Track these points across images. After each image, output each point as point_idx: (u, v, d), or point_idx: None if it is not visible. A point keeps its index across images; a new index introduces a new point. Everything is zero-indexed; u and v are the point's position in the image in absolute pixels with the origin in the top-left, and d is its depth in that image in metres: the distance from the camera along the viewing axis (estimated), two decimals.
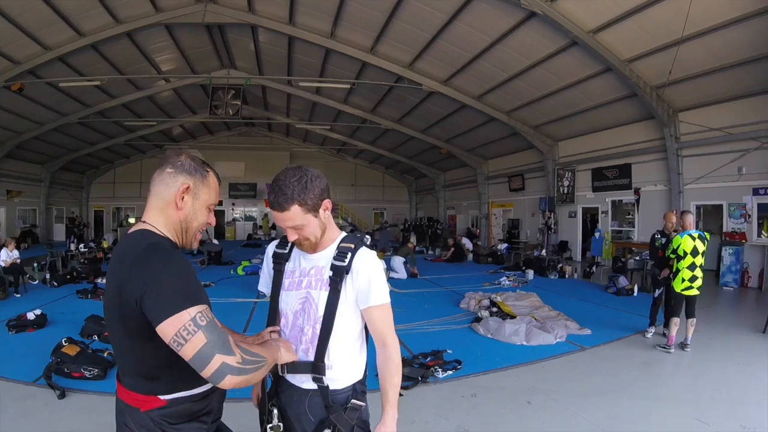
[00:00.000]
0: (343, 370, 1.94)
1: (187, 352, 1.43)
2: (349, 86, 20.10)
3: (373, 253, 1.97)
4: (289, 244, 2.08)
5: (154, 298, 1.45)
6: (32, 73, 16.99)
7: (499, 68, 15.62)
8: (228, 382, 1.47)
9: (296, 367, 1.93)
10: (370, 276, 1.88)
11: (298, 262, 2.04)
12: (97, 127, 25.14)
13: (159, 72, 20.51)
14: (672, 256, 7.05)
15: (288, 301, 2.01)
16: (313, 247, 1.95)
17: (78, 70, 17.90)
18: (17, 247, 11.86)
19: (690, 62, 11.93)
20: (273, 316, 2.08)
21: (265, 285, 2.17)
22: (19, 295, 10.86)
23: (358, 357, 2.01)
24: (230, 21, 16.82)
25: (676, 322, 6.80)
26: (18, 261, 11.31)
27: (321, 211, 1.89)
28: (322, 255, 1.97)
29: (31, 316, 7.77)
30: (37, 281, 12.80)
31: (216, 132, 34.53)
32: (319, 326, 1.90)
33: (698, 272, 6.80)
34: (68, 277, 12.73)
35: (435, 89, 17.90)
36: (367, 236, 2.27)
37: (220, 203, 34.21)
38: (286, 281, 2.04)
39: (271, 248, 2.16)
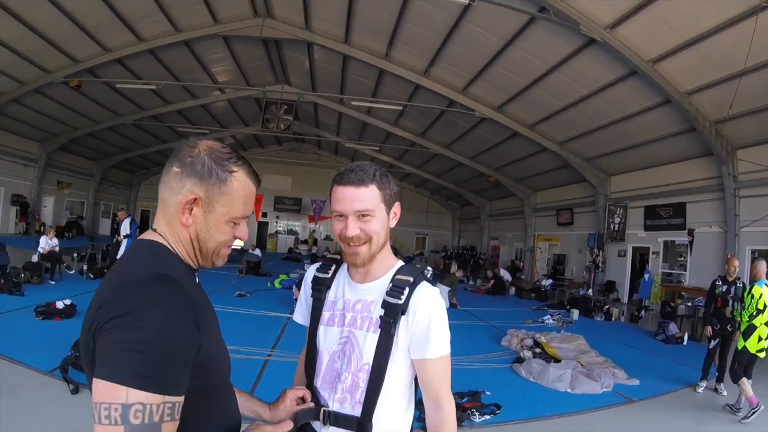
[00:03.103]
0: (387, 429, 1.60)
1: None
2: (400, 108, 20.01)
3: (436, 290, 1.62)
4: (332, 269, 1.75)
5: (108, 342, 1.03)
6: (91, 72, 17.78)
7: (554, 96, 15.28)
8: None
9: (338, 420, 1.60)
10: (431, 320, 1.53)
11: (342, 292, 1.69)
12: (150, 130, 26.12)
13: (215, 82, 21.17)
14: (746, 317, 6.31)
15: (326, 339, 1.67)
16: (366, 261, 1.61)
17: (135, 73, 18.66)
18: (58, 236, 12.16)
19: (750, 95, 11.27)
20: (312, 355, 1.71)
21: (301, 315, 1.82)
22: (54, 283, 11.13)
23: (405, 414, 1.67)
24: (287, 37, 17.17)
25: (746, 381, 6.09)
26: (56, 249, 11.64)
27: (392, 212, 1.64)
28: (372, 287, 1.64)
29: (60, 305, 7.83)
30: (73, 271, 13.15)
31: (267, 145, 35.33)
32: (362, 375, 1.57)
33: None
34: (105, 270, 12.67)
35: (487, 115, 17.65)
36: (429, 268, 1.82)
37: (264, 214, 34.79)
38: (325, 314, 1.70)
39: (310, 272, 1.81)
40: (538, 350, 8.26)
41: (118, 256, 11.75)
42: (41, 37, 14.83)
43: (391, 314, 1.54)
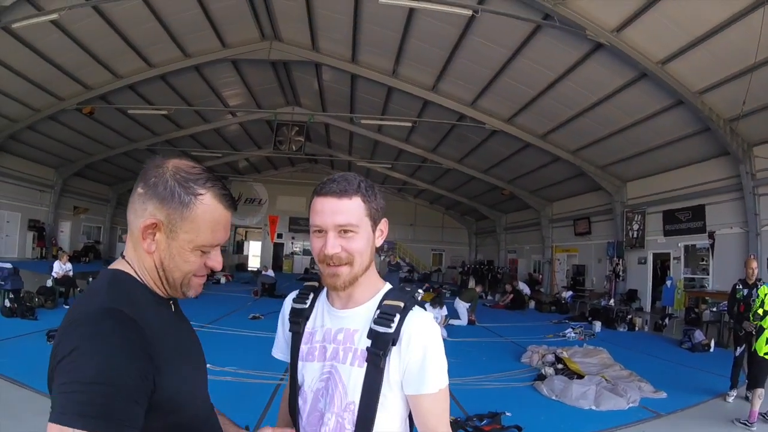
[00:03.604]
0: None
1: None
2: (410, 124, 20.02)
3: (430, 315, 1.45)
4: (310, 298, 1.56)
5: (57, 384, 0.98)
6: (103, 99, 18.07)
7: (564, 105, 15.17)
8: None
9: None
10: (427, 350, 1.35)
11: (321, 321, 1.51)
12: (165, 156, 26.19)
13: (226, 106, 21.47)
14: (759, 315, 6.06)
15: (307, 375, 1.49)
16: (347, 284, 1.41)
17: (147, 99, 18.96)
18: (75, 261, 12.24)
19: (763, 90, 11.03)
20: (295, 393, 1.54)
21: (280, 350, 1.67)
22: (68, 307, 11.04)
23: None
24: (295, 58, 17.39)
25: (760, 394, 5.73)
26: (70, 274, 11.72)
27: (378, 230, 1.46)
28: (355, 314, 1.45)
29: None
30: None
31: (280, 167, 35.64)
32: (347, 416, 1.38)
33: None
34: None
35: (498, 128, 17.57)
36: (420, 291, 1.63)
37: (280, 236, 34.89)
38: (303, 347, 1.52)
39: (287, 303, 1.62)
40: (560, 366, 7.96)
41: None
42: (53, 65, 15.11)
43: (380, 345, 1.35)
